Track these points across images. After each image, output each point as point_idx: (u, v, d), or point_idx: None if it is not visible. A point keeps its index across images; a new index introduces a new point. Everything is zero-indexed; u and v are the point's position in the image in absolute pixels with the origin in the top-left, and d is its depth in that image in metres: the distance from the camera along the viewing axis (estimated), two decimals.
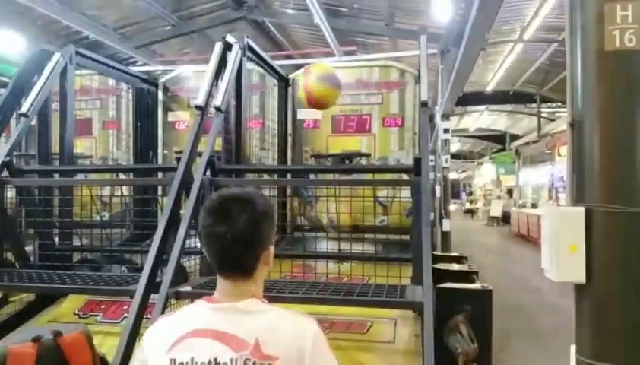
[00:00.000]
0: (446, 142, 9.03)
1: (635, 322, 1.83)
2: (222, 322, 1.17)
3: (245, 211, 1.20)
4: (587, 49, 1.90)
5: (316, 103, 3.44)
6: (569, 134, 1.95)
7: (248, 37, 3.55)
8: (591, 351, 1.91)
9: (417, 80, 4.11)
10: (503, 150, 26.90)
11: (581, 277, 1.89)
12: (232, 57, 3.30)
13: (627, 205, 1.76)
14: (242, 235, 1.18)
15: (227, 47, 3.35)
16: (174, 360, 1.15)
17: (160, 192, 3.78)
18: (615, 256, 1.86)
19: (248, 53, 3.53)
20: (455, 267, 3.71)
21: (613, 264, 1.86)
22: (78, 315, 3.13)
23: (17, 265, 3.27)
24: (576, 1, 1.92)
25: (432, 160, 9.95)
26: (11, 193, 3.41)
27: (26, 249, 3.38)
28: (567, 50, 1.99)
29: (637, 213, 1.76)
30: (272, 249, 1.29)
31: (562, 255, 1.91)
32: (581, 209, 1.91)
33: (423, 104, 3.07)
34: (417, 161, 2.71)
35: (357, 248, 3.36)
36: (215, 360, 1.13)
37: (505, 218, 22.06)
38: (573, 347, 1.97)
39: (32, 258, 3.37)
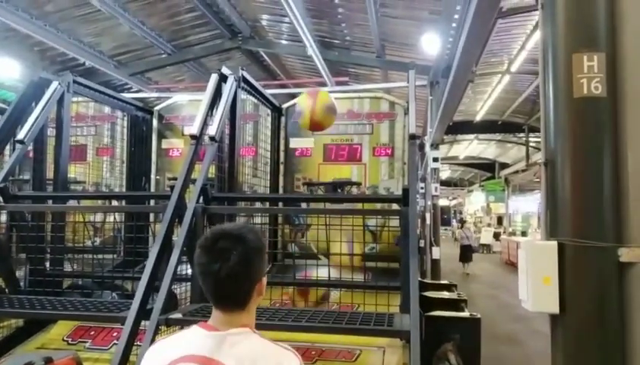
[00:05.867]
0: (435, 171, 9.15)
1: (606, 351, 1.90)
2: (211, 349, 1.23)
3: (236, 248, 1.26)
4: (558, 95, 2.06)
5: (316, 126, 3.68)
6: (543, 172, 2.07)
7: (243, 69, 3.66)
8: None
9: (406, 111, 4.24)
10: (493, 178, 27.23)
11: (555, 307, 1.99)
12: (227, 88, 3.40)
13: (596, 240, 1.87)
14: (234, 272, 1.25)
15: (223, 79, 3.45)
16: None
17: (152, 218, 3.82)
18: (586, 288, 1.96)
19: (242, 84, 3.64)
20: (445, 295, 3.75)
21: (584, 295, 1.95)
22: (67, 341, 3.11)
23: (6, 290, 3.27)
24: (547, 51, 2.08)
25: (422, 188, 10.07)
26: (2, 218, 3.43)
27: (17, 273, 3.38)
28: (541, 96, 2.14)
29: (605, 248, 1.86)
30: (264, 279, 1.36)
31: (537, 287, 2.00)
32: (554, 243, 2.02)
33: (412, 137, 3.18)
34: (405, 192, 2.79)
35: (347, 276, 3.40)
36: None
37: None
38: None
39: (22, 284, 3.36)
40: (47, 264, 3.52)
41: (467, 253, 15.94)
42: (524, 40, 9.51)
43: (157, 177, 4.82)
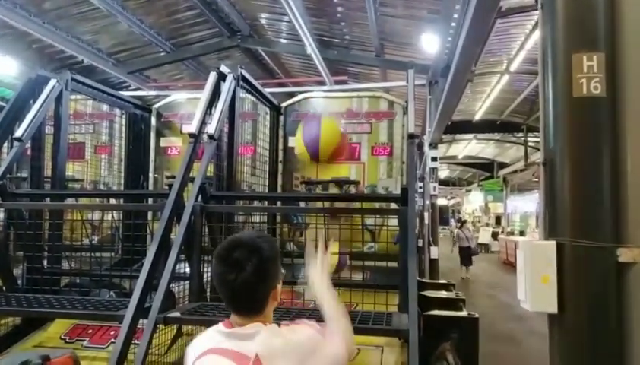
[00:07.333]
0: (434, 170, 9.15)
1: (605, 351, 1.91)
2: (229, 343, 1.33)
3: (251, 259, 1.32)
4: (558, 95, 2.06)
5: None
6: (542, 172, 2.08)
7: (242, 67, 3.65)
8: None
9: (405, 111, 4.24)
10: (491, 177, 27.23)
11: (553, 307, 1.99)
12: (226, 87, 3.40)
13: (595, 240, 1.87)
14: (250, 281, 1.32)
15: (221, 77, 3.44)
16: None
17: (150, 216, 3.81)
18: (585, 288, 1.96)
19: (241, 83, 3.63)
20: (443, 294, 3.75)
21: (583, 295, 1.96)
22: (64, 339, 3.11)
23: (4, 288, 3.26)
24: (547, 51, 2.08)
25: (420, 187, 10.06)
26: (0, 215, 3.42)
27: (14, 271, 3.37)
28: (540, 96, 2.14)
29: (604, 247, 1.86)
30: (279, 286, 1.43)
31: (536, 286, 2.01)
32: (553, 243, 2.02)
33: (411, 136, 3.17)
34: (404, 191, 2.79)
35: (345, 275, 3.39)
36: None
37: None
38: None
39: (19, 282, 3.35)
40: (45, 262, 3.51)
41: (466, 256, 14.82)
42: (523, 40, 9.51)
43: (155, 175, 4.81)
